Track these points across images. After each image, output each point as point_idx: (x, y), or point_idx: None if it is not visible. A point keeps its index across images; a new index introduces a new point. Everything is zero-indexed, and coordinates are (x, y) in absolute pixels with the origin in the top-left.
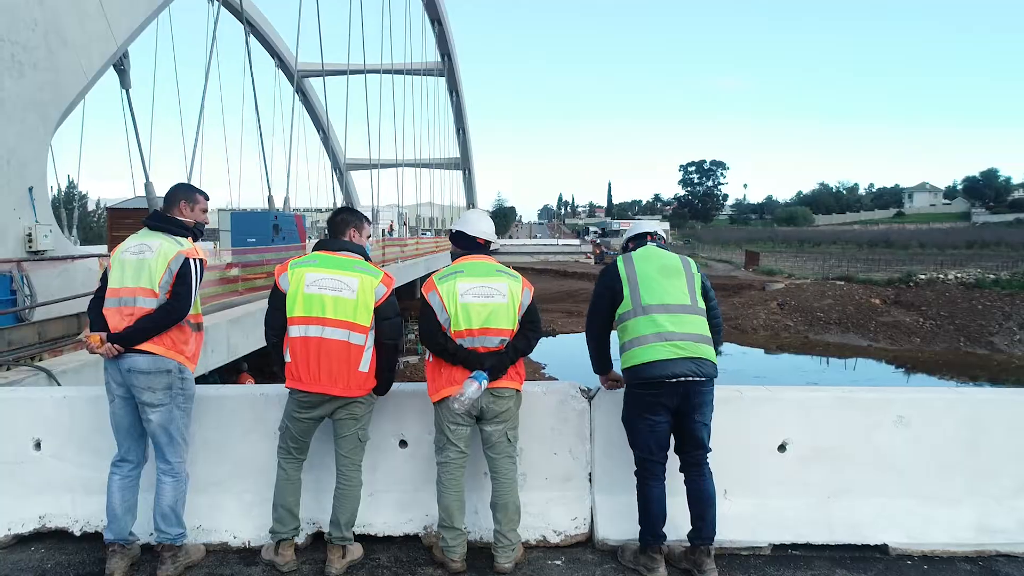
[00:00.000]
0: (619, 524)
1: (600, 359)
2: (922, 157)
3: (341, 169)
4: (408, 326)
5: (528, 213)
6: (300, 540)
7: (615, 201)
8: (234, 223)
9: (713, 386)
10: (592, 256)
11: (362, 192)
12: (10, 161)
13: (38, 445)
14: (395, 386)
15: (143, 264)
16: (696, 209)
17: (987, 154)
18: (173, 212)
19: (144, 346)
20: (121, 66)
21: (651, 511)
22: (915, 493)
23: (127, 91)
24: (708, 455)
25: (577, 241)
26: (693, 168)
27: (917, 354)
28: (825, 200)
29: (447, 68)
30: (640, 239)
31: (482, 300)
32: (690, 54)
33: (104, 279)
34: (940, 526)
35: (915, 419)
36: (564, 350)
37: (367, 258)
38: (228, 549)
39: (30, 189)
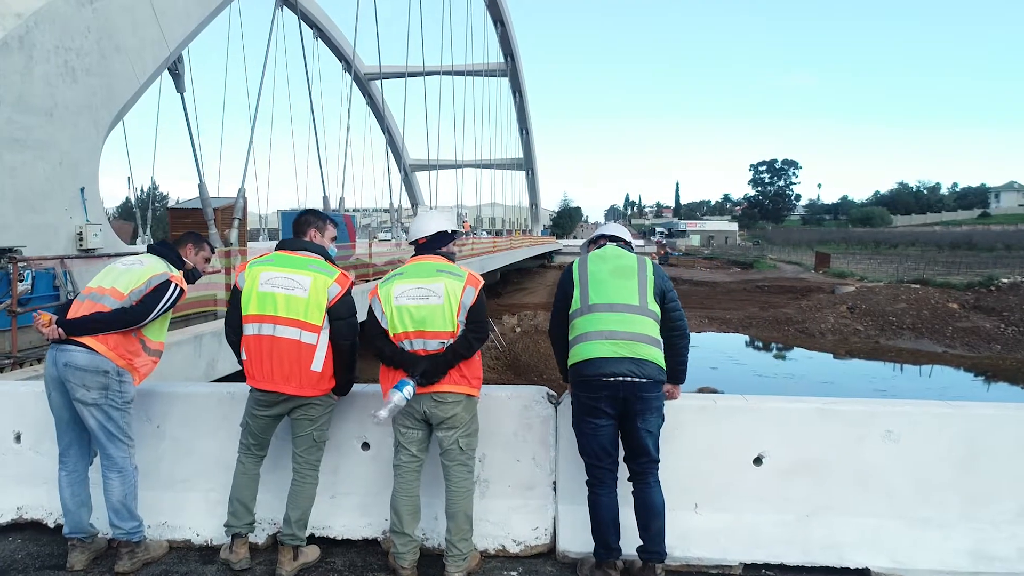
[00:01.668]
0: (582, 536)
1: (563, 364)
2: (1011, 155)
3: (406, 170)
4: None
5: (595, 213)
6: (260, 541)
7: (683, 201)
8: (284, 223)
9: (659, 391)
10: (656, 256)
11: (434, 193)
12: (62, 163)
13: (18, 438)
14: (358, 387)
15: (127, 271)
16: (766, 209)
17: None
18: (179, 250)
19: (86, 341)
20: (175, 70)
21: (599, 521)
22: (903, 514)
23: (182, 95)
24: (656, 465)
25: (640, 242)
26: (764, 167)
27: (998, 362)
28: (904, 200)
29: (510, 68)
30: (607, 239)
31: (416, 302)
32: (761, 51)
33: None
34: (930, 551)
35: (905, 434)
36: None
37: (329, 259)
38: (191, 546)
39: (81, 190)
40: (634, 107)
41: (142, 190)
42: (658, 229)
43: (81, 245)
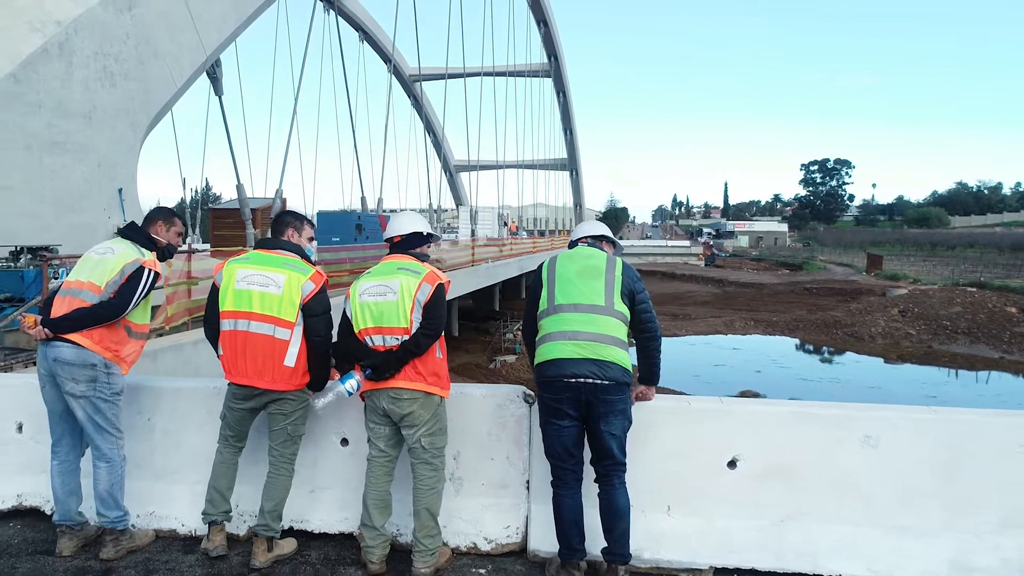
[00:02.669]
0: (552, 536)
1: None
2: None
3: (451, 171)
4: (508, 326)
5: (642, 214)
6: (242, 532)
7: (732, 202)
8: (320, 223)
9: (623, 394)
10: (703, 257)
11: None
12: (101, 165)
13: (20, 428)
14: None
15: (101, 262)
16: (818, 210)
17: None
18: (150, 229)
19: (72, 337)
20: (214, 74)
21: (561, 522)
22: (881, 522)
23: (220, 98)
24: (621, 468)
25: (687, 243)
26: (816, 167)
27: None
28: (963, 200)
29: (553, 69)
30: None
31: (375, 298)
32: (814, 50)
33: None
34: (909, 560)
35: (884, 439)
36: (665, 354)
37: (305, 258)
38: (176, 536)
39: (119, 190)
40: (683, 106)
41: (195, 191)
42: (705, 230)
43: None
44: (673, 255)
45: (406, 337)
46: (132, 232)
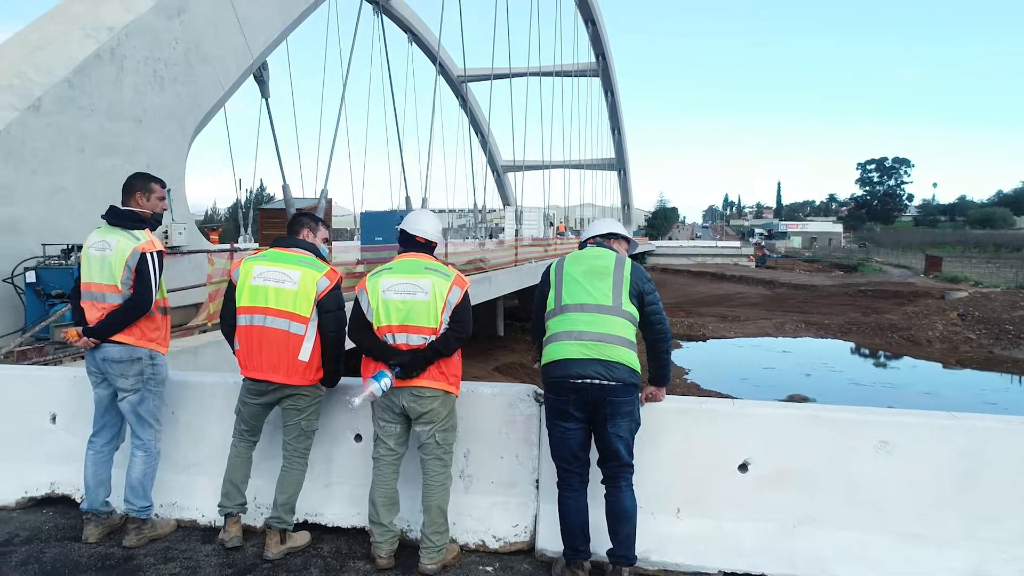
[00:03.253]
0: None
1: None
2: None
3: (498, 171)
4: None
5: (692, 214)
6: (258, 524)
7: (785, 202)
8: (364, 223)
9: (630, 395)
10: (753, 258)
11: (521, 193)
12: (150, 166)
13: (54, 419)
14: (353, 381)
15: (105, 261)
16: (875, 210)
17: None
18: (130, 203)
19: (116, 337)
20: (261, 77)
21: (566, 523)
22: (895, 530)
23: (267, 100)
24: (628, 470)
25: (738, 243)
26: (873, 166)
27: None
28: None
29: (601, 68)
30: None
31: (403, 296)
32: (873, 48)
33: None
34: (924, 569)
35: (900, 446)
36: (713, 356)
37: (320, 257)
38: (196, 526)
39: (168, 191)
40: (735, 105)
41: (250, 191)
42: (757, 230)
43: (167, 243)
44: (723, 256)
45: (432, 337)
46: (117, 217)
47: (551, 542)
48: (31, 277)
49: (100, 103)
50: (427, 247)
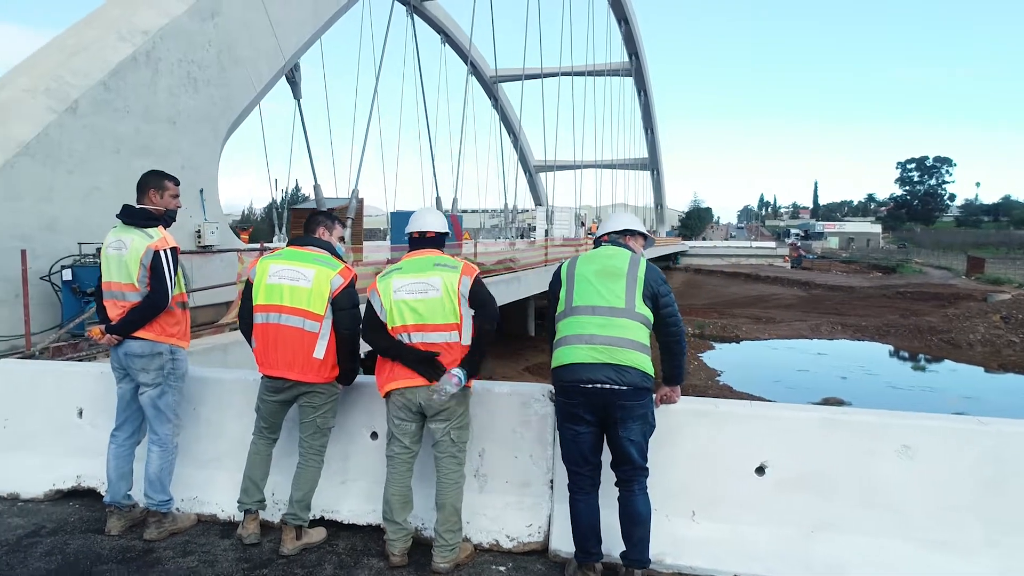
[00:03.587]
0: None
1: None
2: None
3: (531, 171)
4: None
5: (727, 214)
6: (277, 520)
7: (822, 201)
8: (393, 222)
9: (642, 399)
10: (789, 259)
11: (553, 193)
12: (183, 167)
13: (80, 413)
14: (368, 379)
15: (121, 261)
16: (915, 210)
17: None
18: (143, 201)
19: (138, 332)
20: (293, 78)
21: (578, 526)
22: (917, 536)
23: (299, 101)
24: (641, 473)
25: (773, 244)
26: (913, 165)
27: None
28: None
29: (634, 67)
30: (609, 237)
31: (415, 296)
32: (913, 46)
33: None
34: None
35: (922, 450)
36: (746, 358)
37: (336, 255)
38: (216, 521)
39: (200, 191)
40: (771, 104)
41: (285, 191)
42: (792, 231)
43: (199, 242)
44: (758, 256)
45: (453, 332)
46: (130, 216)
47: (565, 543)
48: (67, 275)
49: (135, 105)
50: (436, 242)
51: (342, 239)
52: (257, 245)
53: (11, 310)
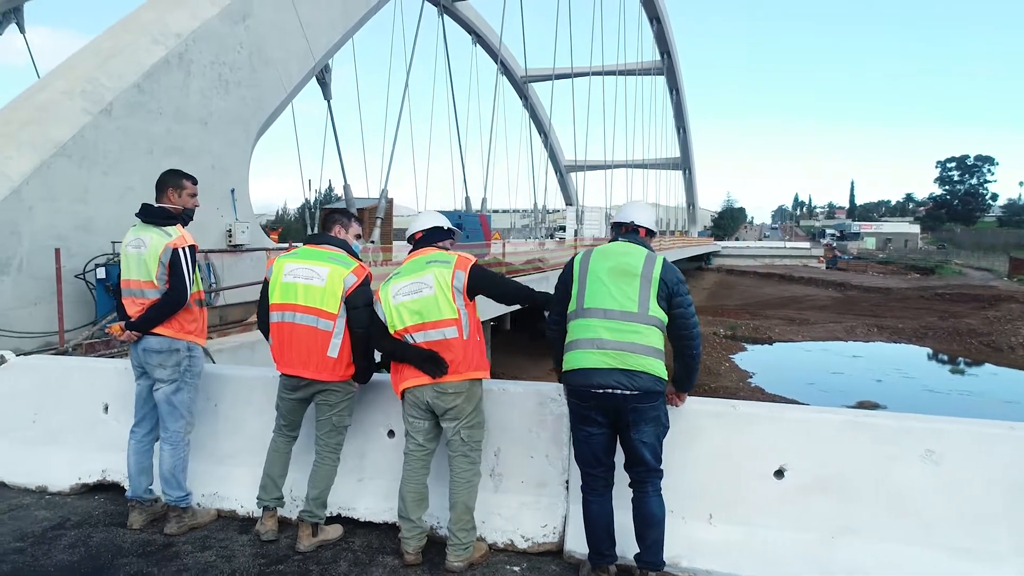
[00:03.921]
0: None
1: (556, 356)
2: None
3: (562, 171)
4: None
5: (761, 214)
6: (295, 516)
7: (858, 201)
8: None
9: (654, 401)
10: (824, 260)
11: (584, 193)
12: (214, 167)
13: (106, 409)
14: (385, 377)
15: (140, 259)
16: (955, 210)
17: None
18: (162, 200)
19: (156, 329)
20: (323, 79)
21: (591, 528)
22: (941, 543)
23: (329, 102)
24: (655, 474)
25: (807, 244)
26: (953, 164)
27: None
28: None
29: (666, 66)
30: (616, 228)
31: (411, 297)
32: (946, 47)
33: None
34: None
35: (948, 455)
36: (779, 360)
37: (352, 253)
38: (235, 516)
39: (232, 191)
40: (806, 103)
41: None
42: (828, 231)
43: (230, 241)
44: (792, 257)
45: (452, 328)
46: (149, 215)
47: (580, 544)
48: (101, 273)
49: (168, 107)
50: (430, 240)
51: (359, 237)
52: (286, 244)
53: (47, 308)
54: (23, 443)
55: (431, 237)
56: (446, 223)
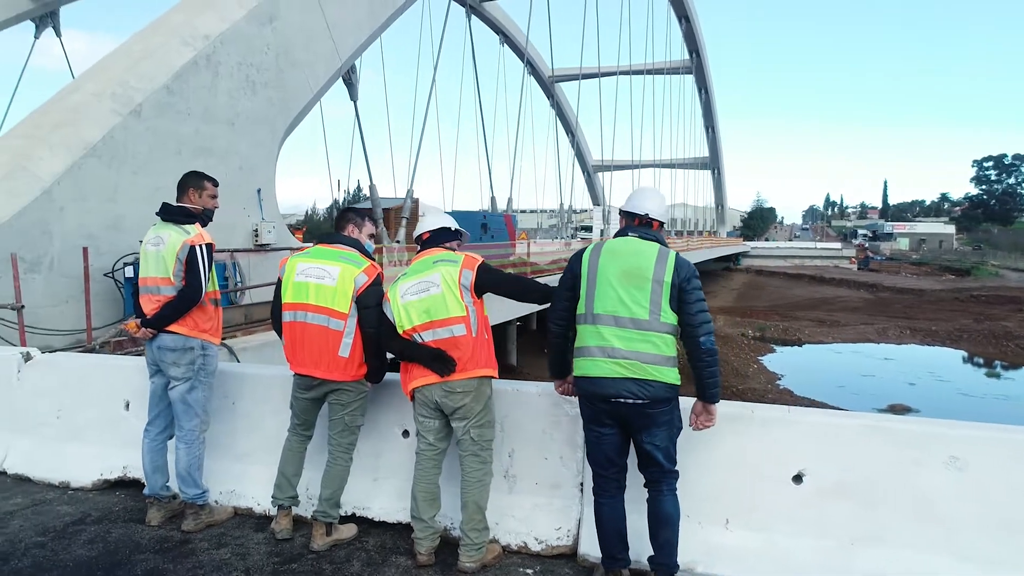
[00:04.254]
0: None
1: (554, 360)
2: None
3: (589, 172)
4: None
5: (791, 215)
6: (310, 515)
7: (891, 201)
8: None
9: (666, 406)
10: (856, 260)
11: (611, 193)
12: (241, 167)
13: (127, 406)
14: (395, 376)
15: (159, 256)
16: (992, 210)
17: None
18: (183, 200)
19: (170, 327)
20: (349, 79)
21: (602, 530)
22: (966, 553)
23: (355, 103)
24: (670, 475)
25: (838, 244)
26: (990, 163)
27: None
28: None
29: (695, 65)
30: (630, 218)
31: (419, 296)
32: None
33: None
34: None
35: (973, 462)
36: (808, 362)
37: (364, 252)
38: (252, 514)
39: (258, 191)
40: (839, 103)
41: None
42: (860, 231)
43: (256, 240)
44: (822, 257)
45: (461, 326)
46: (169, 213)
47: (594, 547)
48: (129, 272)
49: (196, 107)
50: (437, 241)
51: (372, 237)
52: (310, 244)
53: (77, 305)
54: (47, 439)
55: (438, 237)
56: (453, 224)
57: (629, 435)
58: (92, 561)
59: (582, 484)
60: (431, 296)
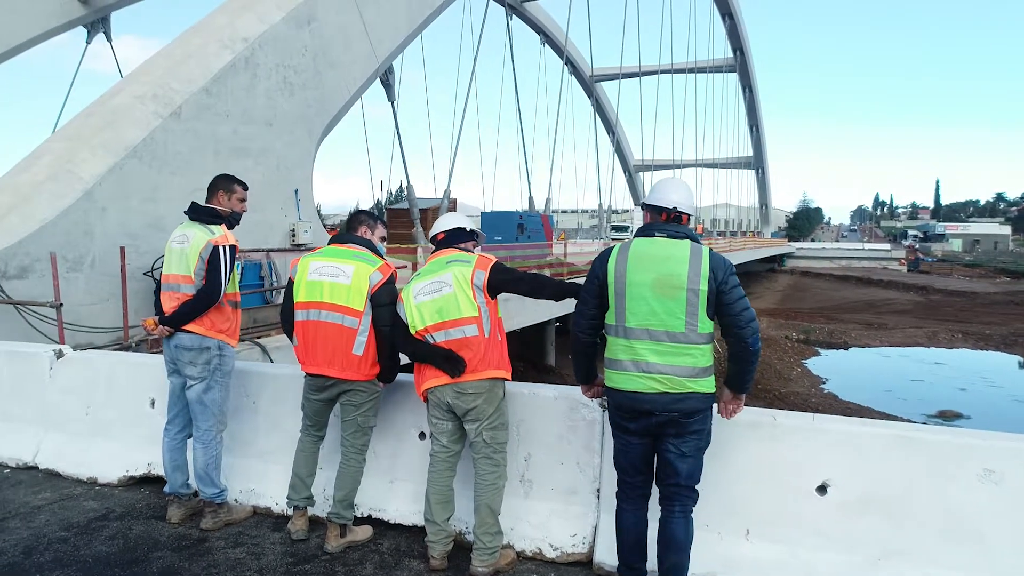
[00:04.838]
0: None
1: (580, 366)
2: None
3: (630, 171)
4: None
5: (839, 215)
6: (325, 515)
7: (944, 201)
8: (484, 222)
9: (701, 415)
10: (905, 262)
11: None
12: (279, 167)
13: (152, 403)
14: (408, 377)
15: (183, 254)
16: None
17: None
18: (212, 201)
19: (189, 326)
20: (387, 80)
21: (622, 538)
22: (1002, 572)
23: (393, 103)
24: (687, 493)
25: (887, 246)
26: None
27: None
28: None
29: (739, 63)
30: (655, 213)
31: (431, 296)
32: None
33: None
34: None
35: (1010, 475)
36: (854, 365)
37: (377, 253)
38: (270, 514)
39: (295, 191)
40: (888, 102)
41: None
42: (910, 232)
43: (293, 240)
44: (870, 259)
45: (473, 326)
46: (197, 214)
47: (610, 555)
48: None
49: (234, 109)
50: (451, 241)
51: (384, 239)
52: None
53: (117, 304)
54: (76, 435)
55: (453, 238)
56: (468, 225)
57: (656, 442)
58: (110, 557)
59: (599, 491)
60: (443, 296)
